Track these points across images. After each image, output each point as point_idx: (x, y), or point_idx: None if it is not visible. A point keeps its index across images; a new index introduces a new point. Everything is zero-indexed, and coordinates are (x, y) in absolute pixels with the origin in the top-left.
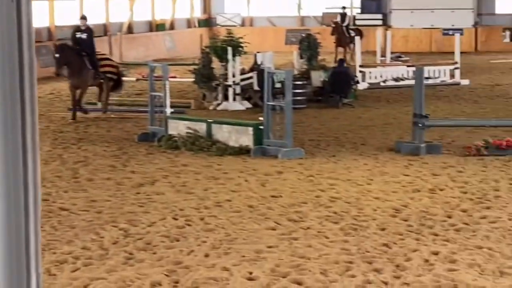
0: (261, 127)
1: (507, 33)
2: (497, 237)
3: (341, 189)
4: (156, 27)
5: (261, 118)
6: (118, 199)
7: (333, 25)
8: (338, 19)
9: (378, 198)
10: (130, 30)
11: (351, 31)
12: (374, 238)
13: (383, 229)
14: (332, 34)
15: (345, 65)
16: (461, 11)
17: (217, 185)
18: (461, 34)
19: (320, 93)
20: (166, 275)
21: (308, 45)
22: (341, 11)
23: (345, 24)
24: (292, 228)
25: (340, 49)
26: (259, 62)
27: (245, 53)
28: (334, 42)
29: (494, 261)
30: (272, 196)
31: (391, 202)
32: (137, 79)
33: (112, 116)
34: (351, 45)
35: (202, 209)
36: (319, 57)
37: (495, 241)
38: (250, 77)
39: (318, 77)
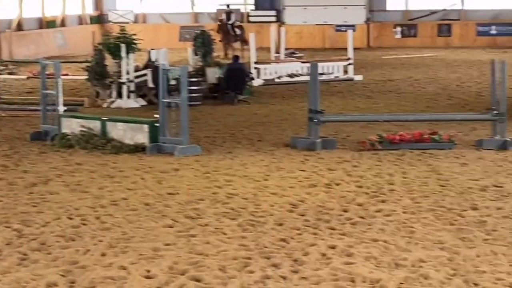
0: (157, 124)
1: (398, 29)
2: (392, 230)
3: (238, 186)
4: (46, 24)
5: (156, 116)
6: (10, 199)
7: (219, 23)
8: (223, 17)
9: (275, 194)
10: (20, 27)
11: (236, 29)
12: (272, 234)
13: (280, 225)
14: (218, 32)
15: (240, 61)
16: (353, 7)
17: (113, 184)
18: (354, 30)
19: (216, 90)
20: (62, 275)
21: (202, 42)
22: (226, 8)
23: (230, 22)
24: (189, 225)
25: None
26: (153, 59)
27: (139, 50)
28: (220, 41)
29: (390, 253)
30: (169, 194)
31: (288, 198)
32: (28, 77)
33: (3, 115)
34: (237, 43)
35: (98, 208)
36: (214, 54)
37: (390, 234)
38: (144, 74)
39: (213, 74)
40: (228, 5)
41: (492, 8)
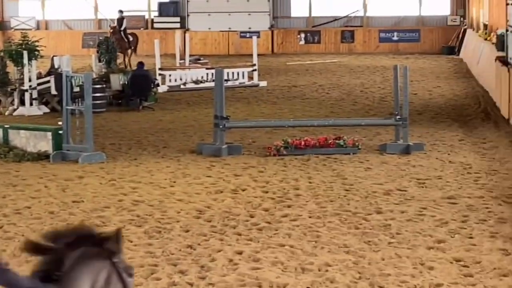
0: (60, 131)
1: (302, 35)
2: (298, 234)
3: (144, 192)
4: None
5: (60, 123)
6: None
7: (111, 30)
8: (116, 23)
9: (181, 200)
10: None
11: (129, 36)
12: (178, 240)
13: (187, 231)
14: (110, 38)
15: (144, 68)
16: (257, 14)
17: (16, 192)
18: (258, 36)
19: (120, 97)
20: None
21: (106, 49)
22: (118, 15)
23: (122, 28)
24: None
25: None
26: (56, 66)
27: (41, 56)
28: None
29: (296, 258)
30: (74, 202)
31: (194, 204)
32: None
33: None
34: (129, 50)
35: (1, 217)
36: (118, 60)
37: (296, 238)
38: (47, 81)
39: (117, 81)
40: (121, 11)
41: (394, 14)
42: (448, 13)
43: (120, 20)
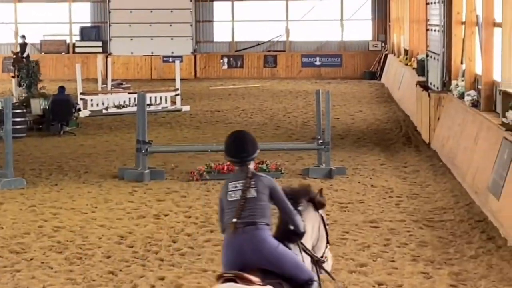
0: None
1: (225, 60)
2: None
3: (65, 218)
4: None
5: None
6: None
7: (14, 56)
8: (18, 49)
9: (103, 226)
10: None
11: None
12: (99, 266)
13: (108, 257)
14: (13, 65)
15: (65, 92)
16: (180, 38)
17: None
18: (181, 61)
19: (41, 121)
20: None
21: (27, 73)
22: (20, 41)
23: (25, 54)
24: (14, 260)
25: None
26: None
27: None
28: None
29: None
30: None
31: (116, 229)
32: None
33: None
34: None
35: None
36: (39, 85)
37: (219, 263)
38: None
39: (38, 105)
40: (23, 36)
41: (317, 39)
42: (370, 39)
43: (23, 46)
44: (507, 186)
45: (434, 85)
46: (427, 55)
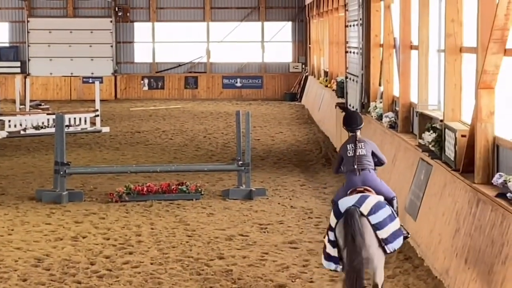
0: None
1: (146, 81)
2: (140, 281)
3: None
4: None
5: None
6: None
7: None
8: None
9: (20, 248)
10: None
11: None
12: None
13: (25, 280)
14: None
15: None
16: (100, 59)
17: None
18: (101, 82)
19: None
20: None
21: None
22: None
23: None
24: None
25: None
26: None
27: None
28: None
29: None
30: None
31: (32, 252)
32: None
33: None
34: None
35: None
36: None
37: (137, 285)
38: None
39: None
40: None
41: (237, 61)
42: (290, 60)
43: None
44: (423, 207)
45: (353, 107)
46: (346, 77)
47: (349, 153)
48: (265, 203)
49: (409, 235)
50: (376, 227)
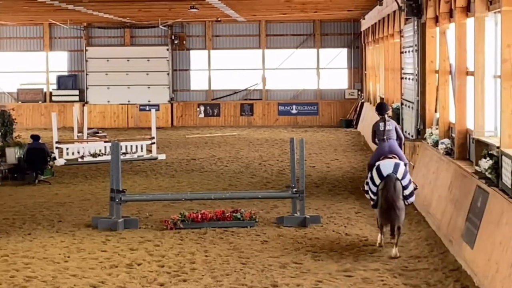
0: None
1: (202, 108)
2: None
3: (37, 268)
4: None
5: None
6: None
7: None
8: None
9: (75, 275)
10: None
11: None
12: None
13: None
14: None
15: (40, 141)
16: (157, 87)
17: None
18: (157, 109)
19: (16, 170)
20: None
21: (2, 122)
22: None
23: None
24: None
25: None
26: None
27: None
28: None
29: None
30: None
31: (88, 279)
32: None
33: None
34: None
35: None
36: (14, 134)
37: None
38: None
39: (13, 154)
40: None
41: (293, 88)
42: (346, 87)
43: None
44: (480, 235)
45: (408, 133)
46: (401, 103)
47: (380, 128)
48: (320, 231)
49: (417, 187)
50: (404, 188)
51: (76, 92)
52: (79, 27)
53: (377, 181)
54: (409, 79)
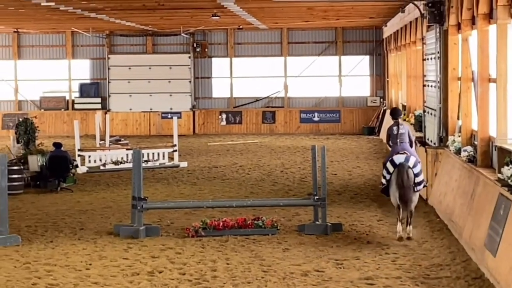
0: None
1: (224, 116)
2: None
3: (59, 275)
4: None
5: None
6: None
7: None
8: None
9: (97, 283)
10: None
11: None
12: None
13: None
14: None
15: (62, 149)
16: (179, 95)
17: None
18: (179, 117)
19: (38, 178)
20: None
21: (25, 130)
22: None
23: None
24: None
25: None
26: None
27: None
28: None
29: None
30: None
31: (109, 287)
32: None
33: None
34: None
35: None
36: (37, 141)
37: None
38: None
39: (35, 162)
40: None
41: (315, 95)
42: (368, 94)
43: None
44: (503, 243)
45: (431, 141)
46: (424, 111)
47: (394, 132)
48: (341, 239)
49: (427, 184)
50: (415, 175)
51: (98, 100)
52: (101, 35)
53: (391, 169)
54: (431, 86)
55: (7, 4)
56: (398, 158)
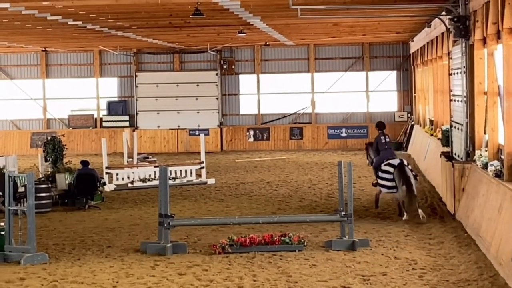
0: (2, 232)
1: (251, 132)
2: None
3: None
4: None
5: (1, 224)
6: None
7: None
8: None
9: None
10: None
11: None
12: None
13: None
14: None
15: (90, 166)
16: (206, 112)
17: None
18: (207, 134)
19: (66, 196)
20: None
21: (53, 148)
22: None
23: None
24: None
25: None
26: (1, 166)
27: None
28: None
29: None
30: None
31: None
32: None
33: None
34: None
35: None
36: (65, 160)
37: None
38: None
39: (63, 180)
40: None
41: (342, 111)
42: (396, 109)
43: None
44: None
45: (458, 156)
46: (451, 126)
47: (382, 140)
48: (368, 254)
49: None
50: (411, 171)
51: (126, 117)
52: (128, 53)
53: (391, 170)
54: (458, 101)
55: (35, 24)
56: (395, 161)
